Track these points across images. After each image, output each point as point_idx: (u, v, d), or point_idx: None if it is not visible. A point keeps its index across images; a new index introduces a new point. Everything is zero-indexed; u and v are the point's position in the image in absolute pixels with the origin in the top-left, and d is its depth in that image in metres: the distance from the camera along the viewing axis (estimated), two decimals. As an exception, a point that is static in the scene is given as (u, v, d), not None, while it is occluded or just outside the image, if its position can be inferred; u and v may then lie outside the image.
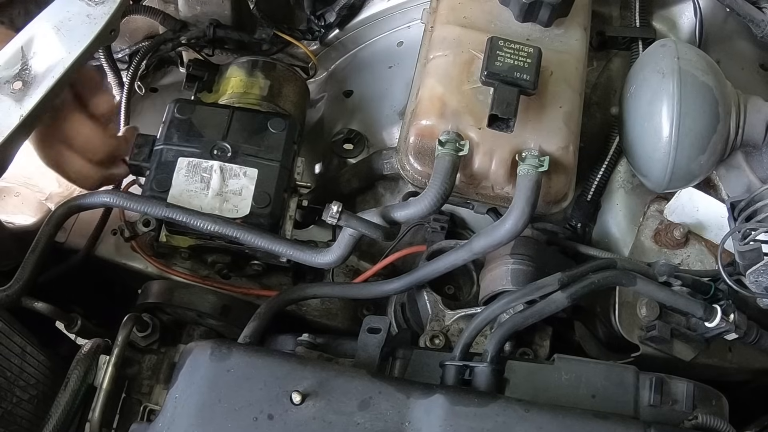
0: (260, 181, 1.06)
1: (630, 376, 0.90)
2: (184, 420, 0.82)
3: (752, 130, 1.08)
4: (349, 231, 0.99)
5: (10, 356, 0.97)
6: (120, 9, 1.14)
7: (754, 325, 0.96)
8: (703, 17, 1.24)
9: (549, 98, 1.04)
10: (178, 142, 1.09)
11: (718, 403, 0.91)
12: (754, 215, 0.94)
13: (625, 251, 1.15)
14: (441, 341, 1.02)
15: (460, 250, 0.99)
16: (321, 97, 1.41)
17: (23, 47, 1.08)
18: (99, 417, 1.00)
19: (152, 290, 1.10)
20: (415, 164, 1.05)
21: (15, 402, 0.97)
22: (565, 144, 1.02)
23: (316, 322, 1.18)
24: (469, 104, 1.02)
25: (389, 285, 1.05)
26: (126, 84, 1.34)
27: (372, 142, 1.29)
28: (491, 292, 1.03)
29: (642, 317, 0.98)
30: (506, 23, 1.08)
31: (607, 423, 0.81)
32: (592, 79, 1.26)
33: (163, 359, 1.11)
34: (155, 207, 1.02)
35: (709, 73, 1.06)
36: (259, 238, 1.02)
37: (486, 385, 0.88)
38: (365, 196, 1.27)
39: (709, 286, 0.99)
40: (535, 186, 0.96)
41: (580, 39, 1.11)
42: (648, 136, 1.07)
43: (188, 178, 1.06)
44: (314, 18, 1.37)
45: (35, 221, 1.22)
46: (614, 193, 1.20)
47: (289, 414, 0.81)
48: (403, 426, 0.80)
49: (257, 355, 0.85)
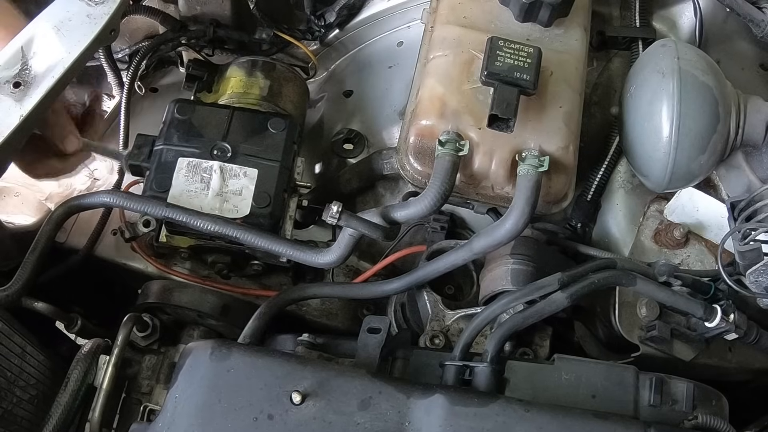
0: (260, 181, 1.06)
1: (630, 376, 0.90)
2: (184, 420, 0.82)
3: (752, 130, 1.08)
4: (349, 231, 0.99)
5: (10, 356, 0.97)
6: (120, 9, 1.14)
7: (754, 325, 0.96)
8: (703, 17, 1.24)
9: (549, 98, 1.04)
10: (178, 143, 1.09)
11: (718, 403, 0.91)
12: (754, 215, 0.94)
13: (625, 251, 1.15)
14: (441, 341, 1.02)
15: (460, 250, 0.99)
16: (321, 97, 1.41)
17: (23, 47, 1.08)
18: (99, 417, 1.00)
19: (152, 290, 1.10)
20: (415, 164, 1.05)
21: (15, 402, 0.97)
22: (565, 144, 1.02)
23: (316, 322, 1.18)
24: (469, 104, 1.02)
25: (389, 285, 1.05)
26: (126, 84, 1.34)
27: (372, 142, 1.29)
28: (491, 292, 1.03)
29: (642, 317, 0.98)
30: (506, 23, 1.09)
31: (607, 423, 0.81)
32: (592, 79, 1.26)
33: (163, 359, 1.11)
34: (155, 207, 1.02)
35: (709, 73, 1.06)
36: (260, 239, 1.02)
37: (486, 385, 0.88)
38: (365, 196, 1.27)
39: (709, 286, 0.99)
40: (535, 186, 0.96)
41: (580, 39, 1.11)
42: (648, 136, 1.07)
43: (188, 179, 1.06)
44: (314, 18, 1.37)
45: (35, 221, 1.22)
46: (614, 193, 1.20)
47: (289, 414, 0.81)
48: (403, 426, 0.80)
49: (257, 355, 0.85)
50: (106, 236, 1.22)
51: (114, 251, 1.22)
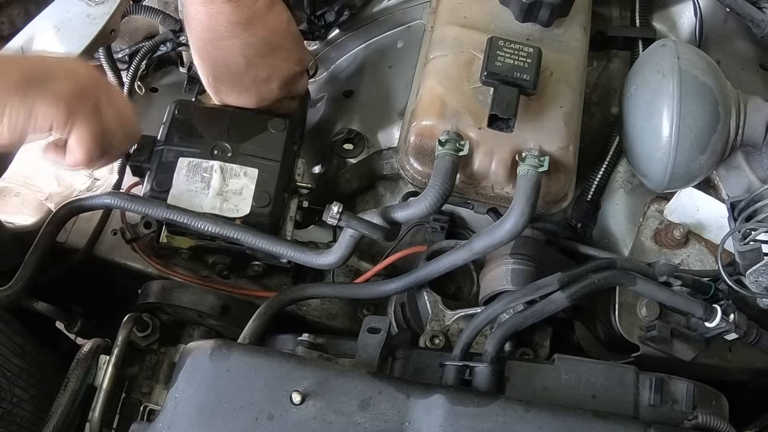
0: (260, 181, 1.06)
1: (630, 376, 0.89)
2: (184, 420, 0.82)
3: (752, 130, 1.08)
4: (349, 232, 0.99)
5: (10, 356, 0.97)
6: (120, 9, 1.15)
7: (754, 325, 0.96)
8: (703, 17, 1.24)
9: (549, 98, 1.04)
10: (179, 143, 1.09)
11: (718, 403, 0.91)
12: (754, 215, 0.94)
13: (625, 251, 1.15)
14: (441, 341, 1.02)
15: (460, 250, 0.99)
16: (321, 97, 1.41)
17: (23, 47, 1.08)
18: (99, 417, 1.00)
19: (152, 290, 1.10)
20: (415, 164, 1.05)
21: (15, 402, 0.97)
22: (565, 144, 1.02)
23: (316, 322, 1.18)
24: (469, 104, 1.02)
25: (389, 285, 1.05)
26: (126, 84, 1.34)
27: (372, 142, 1.29)
28: (491, 292, 1.03)
29: (642, 317, 0.98)
30: (506, 23, 1.09)
31: (607, 423, 0.81)
32: (592, 79, 1.26)
33: (163, 359, 1.11)
34: (156, 208, 1.02)
35: (709, 73, 1.06)
36: (261, 240, 1.02)
37: (486, 385, 0.88)
38: (365, 197, 1.27)
39: (709, 286, 0.99)
40: (535, 186, 0.96)
41: (580, 39, 1.11)
42: (648, 136, 1.07)
43: (189, 178, 1.06)
44: (314, 18, 1.37)
45: (35, 221, 1.22)
46: (614, 193, 1.20)
47: (289, 414, 0.81)
48: (403, 426, 0.80)
49: (257, 355, 0.85)
50: (106, 236, 1.22)
51: (114, 251, 1.22)
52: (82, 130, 0.91)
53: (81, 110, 0.90)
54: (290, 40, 1.11)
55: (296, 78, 1.16)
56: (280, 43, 1.08)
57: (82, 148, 0.92)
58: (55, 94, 0.87)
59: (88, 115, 0.91)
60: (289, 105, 1.19)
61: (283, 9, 1.08)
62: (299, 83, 1.18)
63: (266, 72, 1.09)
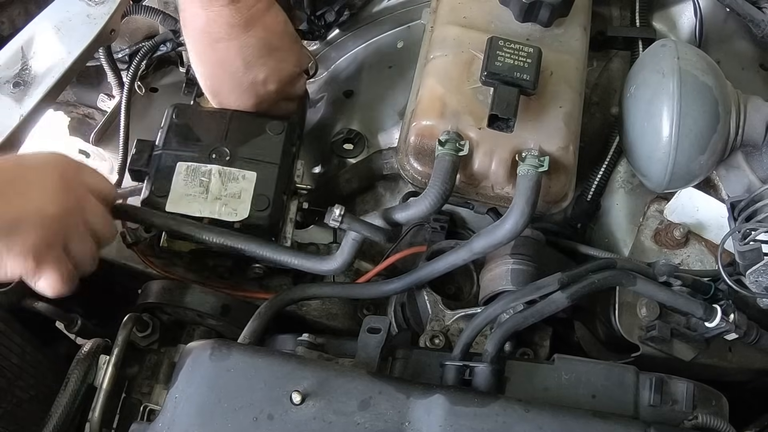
0: (259, 184, 1.06)
1: (630, 376, 0.89)
2: (184, 420, 0.82)
3: (752, 130, 1.08)
4: (352, 236, 0.99)
5: (10, 356, 0.97)
6: (120, 9, 1.15)
7: (754, 325, 0.96)
8: (703, 17, 1.24)
9: (549, 98, 1.04)
10: (177, 147, 1.09)
11: (718, 403, 0.91)
12: (754, 215, 0.94)
13: (625, 251, 1.15)
14: (441, 341, 1.02)
15: (460, 250, 0.99)
16: (321, 97, 1.41)
17: (23, 47, 1.09)
18: (99, 417, 1.00)
19: (152, 290, 1.10)
20: (415, 164, 1.05)
21: (15, 402, 0.97)
22: (565, 144, 1.02)
23: (316, 322, 1.18)
24: (469, 104, 1.02)
25: (389, 285, 1.05)
26: (126, 84, 1.34)
27: (372, 142, 1.29)
28: (491, 292, 1.03)
29: (642, 317, 0.98)
30: (506, 23, 1.09)
31: (607, 423, 0.81)
32: (592, 79, 1.26)
33: (163, 359, 1.11)
34: (158, 219, 1.02)
35: (709, 73, 1.06)
36: (264, 249, 1.02)
37: (486, 385, 0.88)
38: (365, 197, 1.27)
39: (709, 286, 0.99)
40: (535, 186, 0.96)
41: (580, 39, 1.11)
42: (648, 136, 1.07)
43: (187, 183, 1.06)
44: (314, 18, 1.37)
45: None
46: (614, 193, 1.20)
47: (289, 414, 0.81)
48: (403, 426, 0.80)
49: (257, 355, 0.85)
50: (106, 236, 1.22)
51: (115, 252, 1.22)
52: (51, 279, 0.90)
53: (49, 260, 0.88)
54: (288, 41, 1.11)
55: (294, 79, 1.16)
56: (278, 44, 1.09)
57: (50, 291, 0.91)
58: (23, 247, 0.85)
59: (57, 263, 0.89)
60: (288, 106, 1.19)
61: (279, 10, 1.08)
62: (297, 84, 1.18)
63: (264, 73, 1.09)
